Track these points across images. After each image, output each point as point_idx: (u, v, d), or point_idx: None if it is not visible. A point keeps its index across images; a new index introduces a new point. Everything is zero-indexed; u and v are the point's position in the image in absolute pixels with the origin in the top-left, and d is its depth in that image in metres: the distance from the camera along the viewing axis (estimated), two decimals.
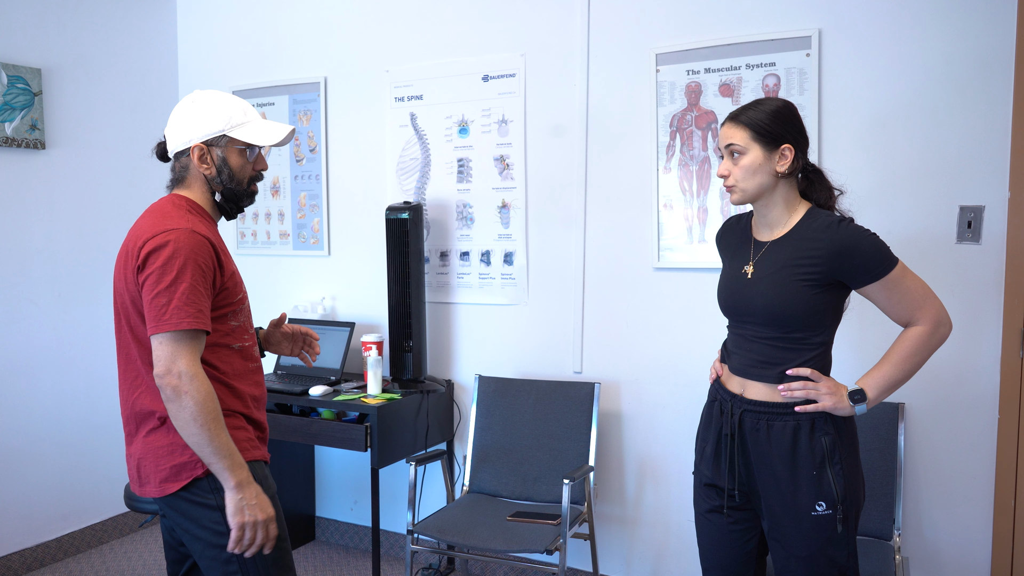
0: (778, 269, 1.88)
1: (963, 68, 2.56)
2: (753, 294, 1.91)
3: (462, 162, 3.40)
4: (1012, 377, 2.55)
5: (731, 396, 1.97)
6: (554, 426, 3.12)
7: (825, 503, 1.85)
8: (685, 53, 2.95)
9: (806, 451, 1.86)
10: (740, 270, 1.97)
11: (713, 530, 2.04)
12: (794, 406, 1.87)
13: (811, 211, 1.92)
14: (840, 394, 1.86)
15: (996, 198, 2.55)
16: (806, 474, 1.85)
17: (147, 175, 3.98)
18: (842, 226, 1.84)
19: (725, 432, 1.96)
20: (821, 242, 1.83)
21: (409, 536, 2.85)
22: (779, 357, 1.89)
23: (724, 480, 1.98)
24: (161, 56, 4.06)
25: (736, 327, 2.01)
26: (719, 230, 2.17)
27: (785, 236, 1.91)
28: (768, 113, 1.87)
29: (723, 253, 2.12)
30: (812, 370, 1.87)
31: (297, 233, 3.83)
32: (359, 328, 3.62)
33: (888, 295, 1.85)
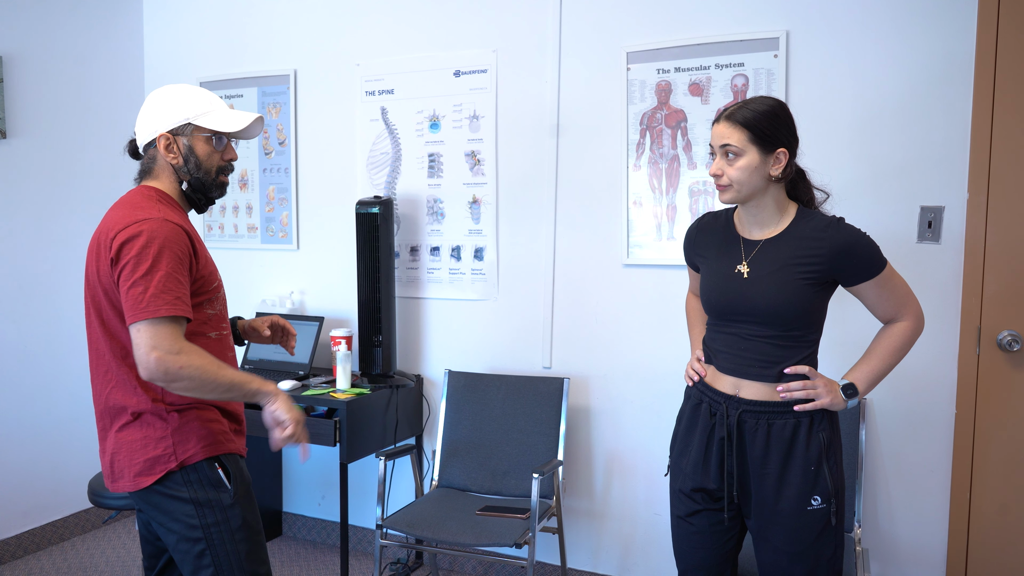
0: (778, 268, 1.88)
1: (924, 73, 2.63)
2: (753, 293, 1.90)
3: (433, 157, 3.40)
4: (968, 373, 2.62)
5: (724, 397, 1.96)
6: (523, 421, 3.14)
7: (820, 497, 1.88)
8: (655, 52, 2.98)
9: (804, 448, 1.88)
10: (732, 269, 1.95)
11: (694, 533, 2.03)
12: (793, 405, 1.88)
13: (802, 211, 1.94)
14: (835, 390, 1.89)
15: (955, 199, 2.62)
16: (804, 470, 1.87)
17: (111, 167, 3.92)
18: (841, 226, 1.88)
19: (720, 435, 1.94)
20: (822, 241, 1.86)
21: (378, 531, 2.85)
22: (778, 355, 1.90)
23: (713, 482, 1.97)
24: (126, 46, 3.99)
25: (727, 326, 1.98)
26: (693, 227, 2.15)
27: (781, 235, 1.92)
28: (766, 115, 1.86)
29: (701, 251, 2.09)
30: (809, 368, 1.90)
31: (265, 227, 3.80)
32: (328, 323, 3.61)
33: (878, 293, 1.91)
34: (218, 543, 1.81)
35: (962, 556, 2.66)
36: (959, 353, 2.64)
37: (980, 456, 2.63)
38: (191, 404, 1.83)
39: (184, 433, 1.81)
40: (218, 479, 1.83)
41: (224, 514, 1.83)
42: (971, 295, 2.61)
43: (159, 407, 1.80)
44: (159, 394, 1.80)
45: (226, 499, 1.83)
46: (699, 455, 1.99)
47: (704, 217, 2.14)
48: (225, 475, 1.84)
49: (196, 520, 1.78)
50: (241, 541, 1.84)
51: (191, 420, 1.82)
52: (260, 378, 1.82)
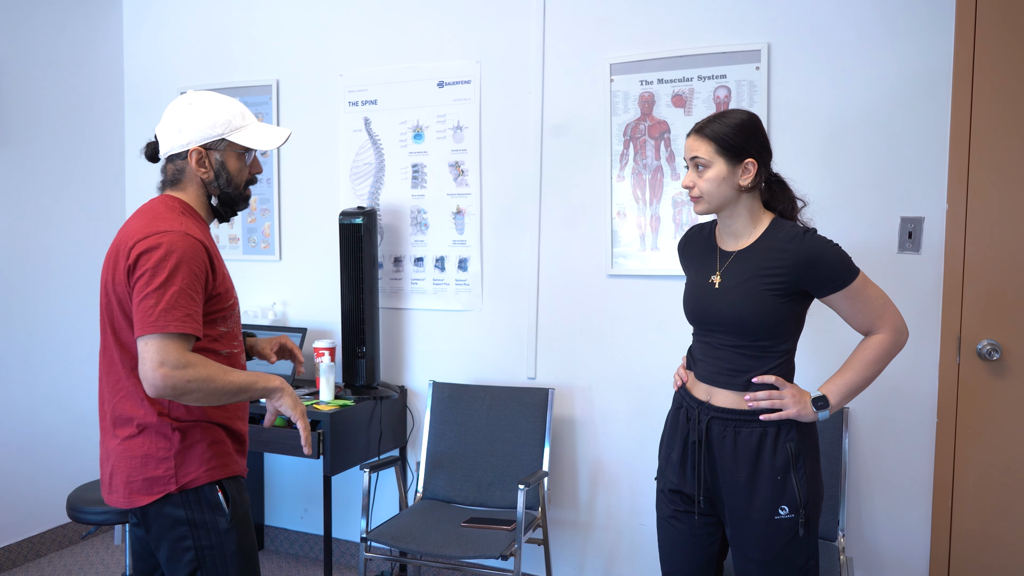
0: (746, 279, 1.91)
1: (904, 85, 2.66)
2: (721, 303, 1.94)
3: (416, 168, 3.39)
4: (949, 382, 2.65)
5: (698, 403, 1.99)
6: (508, 432, 3.13)
7: (788, 507, 1.88)
8: (638, 64, 2.99)
9: (771, 457, 1.89)
10: (707, 279, 1.99)
11: (676, 535, 2.06)
12: (760, 414, 1.90)
13: (775, 222, 1.95)
14: (804, 401, 1.90)
15: (935, 210, 2.65)
16: (770, 479, 1.89)
17: (89, 176, 3.88)
18: (807, 237, 1.88)
19: (692, 439, 1.98)
20: (787, 252, 1.88)
21: (362, 543, 2.83)
22: (746, 365, 1.92)
23: (689, 486, 2.00)
24: (106, 55, 3.96)
25: (702, 335, 2.02)
26: (682, 238, 2.18)
27: (751, 246, 1.94)
28: (732, 127, 1.90)
29: (687, 261, 2.13)
30: (777, 378, 1.91)
31: (247, 237, 3.77)
32: (311, 334, 3.59)
33: (851, 304, 1.91)
34: (210, 567, 1.79)
35: (944, 564, 2.68)
36: (940, 362, 2.66)
37: (961, 464, 2.65)
38: (196, 421, 1.80)
39: (187, 456, 1.78)
40: (217, 502, 1.81)
41: (219, 538, 1.81)
42: (951, 305, 2.64)
43: (164, 422, 1.77)
44: (165, 408, 1.78)
45: (223, 523, 1.81)
46: (678, 458, 2.04)
47: (692, 228, 2.17)
48: (224, 499, 1.82)
49: (190, 541, 1.77)
50: (234, 567, 1.81)
51: (196, 442, 1.79)
52: (264, 374, 1.81)
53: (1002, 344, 2.59)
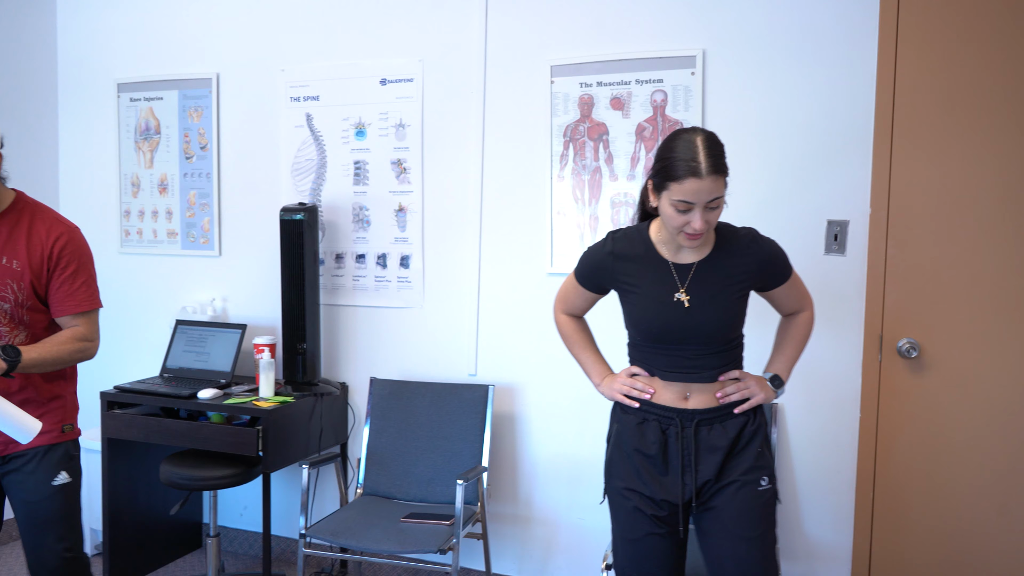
0: (719, 291, 1.96)
1: (831, 93, 2.76)
2: (700, 321, 1.94)
3: (359, 164, 3.40)
4: (871, 379, 2.77)
5: (676, 411, 2.00)
6: (448, 428, 3.17)
7: (768, 478, 1.99)
8: (579, 66, 3.05)
9: (751, 433, 2.00)
10: (670, 297, 1.96)
11: (661, 550, 2.02)
12: (732, 407, 2.00)
13: (718, 227, 2.01)
14: (764, 385, 2.06)
15: (859, 213, 2.76)
16: (753, 454, 1.99)
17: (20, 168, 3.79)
18: (761, 239, 2.02)
19: (678, 450, 1.98)
20: (749, 256, 1.98)
21: (301, 539, 2.84)
22: (722, 362, 2.01)
23: (675, 497, 1.98)
24: (38, 45, 3.86)
25: (667, 349, 2.00)
26: (607, 253, 2.06)
27: (711, 256, 1.98)
28: (724, 152, 1.88)
29: (623, 278, 2.04)
30: (740, 371, 2.04)
31: (186, 232, 3.73)
32: (251, 330, 3.56)
33: (787, 292, 2.08)
34: None
35: (866, 553, 2.80)
36: (863, 359, 2.78)
37: (882, 456, 2.77)
38: None
39: None
40: None
41: None
42: (873, 304, 2.75)
43: None
44: None
45: None
46: (656, 472, 2.00)
47: (617, 241, 2.06)
48: None
49: None
50: None
51: None
52: None
53: (920, 343, 2.71)
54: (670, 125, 2.93)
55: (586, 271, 2.13)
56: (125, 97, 3.79)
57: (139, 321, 3.84)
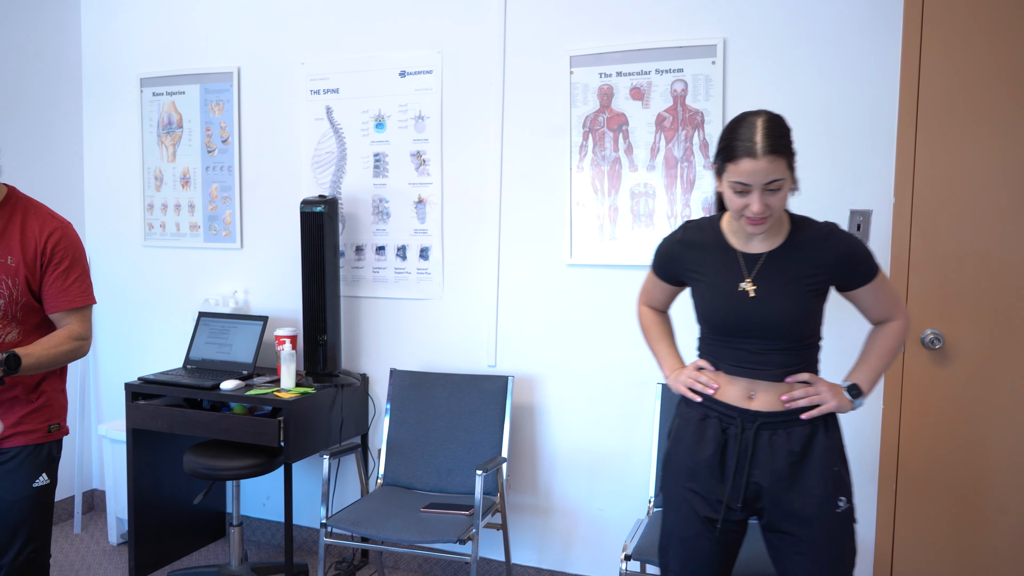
0: (788, 282, 1.86)
1: (854, 81, 2.73)
2: (764, 311, 1.86)
3: (378, 157, 3.41)
4: (895, 370, 2.74)
5: (738, 412, 1.91)
6: (468, 419, 3.18)
7: (845, 498, 1.87)
8: (598, 56, 3.04)
9: (824, 450, 1.86)
10: (735, 287, 1.90)
11: (709, 551, 1.96)
12: (799, 412, 1.87)
13: (794, 218, 1.92)
14: (840, 393, 1.90)
15: (883, 203, 2.73)
16: (827, 472, 1.85)
17: (46, 164, 3.84)
18: (841, 233, 1.89)
19: (736, 451, 1.90)
20: (826, 250, 1.86)
21: (322, 529, 2.86)
22: (791, 362, 1.88)
23: (731, 499, 1.91)
24: (64, 43, 3.90)
25: (733, 343, 1.93)
26: (676, 241, 2.04)
27: (782, 246, 1.89)
28: (788, 133, 1.81)
29: (691, 267, 2.00)
30: (810, 375, 1.89)
31: (208, 225, 3.76)
32: (272, 322, 3.59)
33: (875, 295, 1.93)
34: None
35: (888, 545, 2.78)
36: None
37: (905, 448, 2.75)
38: None
39: None
40: None
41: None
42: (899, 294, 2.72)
43: None
44: None
45: None
46: (712, 472, 1.93)
47: (688, 230, 2.04)
48: None
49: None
50: None
51: None
52: None
53: (944, 334, 2.68)
54: (690, 115, 2.92)
55: (659, 260, 2.10)
56: (148, 92, 3.83)
57: (162, 313, 3.88)
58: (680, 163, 2.95)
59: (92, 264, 3.97)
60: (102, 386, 4.06)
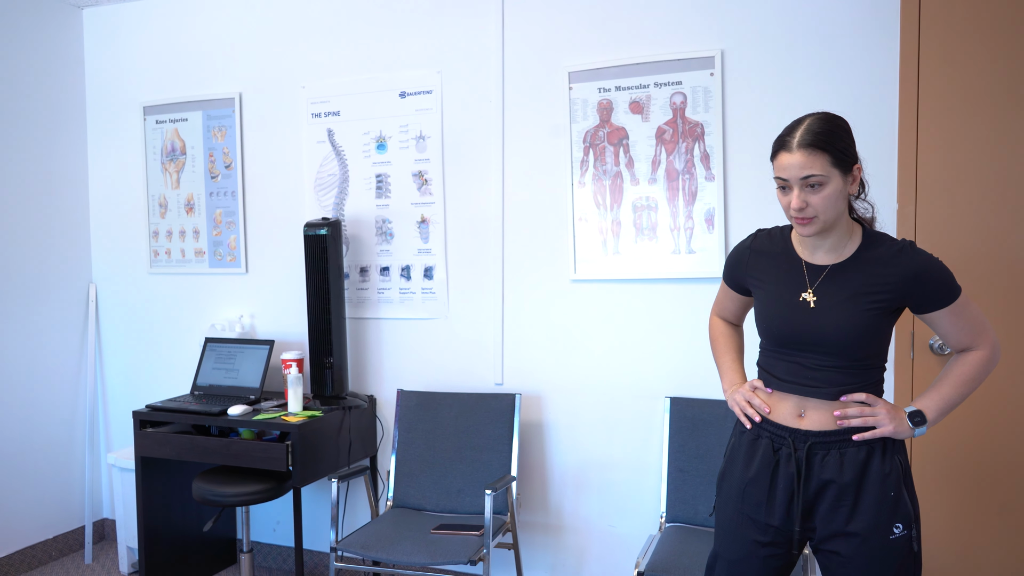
0: (849, 297, 1.79)
1: (852, 88, 2.73)
2: (823, 324, 1.80)
3: (380, 178, 3.42)
4: (904, 377, 2.72)
5: (790, 432, 1.85)
6: (476, 438, 3.16)
7: (902, 524, 1.78)
8: (596, 71, 3.04)
9: (880, 474, 1.78)
10: (795, 297, 1.85)
11: (758, 571, 1.92)
12: (852, 433, 1.80)
13: (868, 233, 1.84)
14: (900, 417, 1.80)
15: (887, 209, 2.71)
16: (882, 497, 1.78)
17: (51, 193, 3.86)
18: (914, 251, 1.78)
19: (788, 472, 1.84)
20: (893, 267, 1.77)
21: (333, 553, 2.84)
22: (847, 382, 1.81)
23: (778, 521, 1.87)
24: (68, 71, 3.94)
25: (790, 355, 1.87)
26: (745, 248, 2.01)
27: (849, 260, 1.82)
28: (839, 132, 1.74)
29: (756, 274, 1.97)
30: (868, 394, 1.81)
31: (213, 251, 3.77)
32: (279, 345, 3.59)
33: (953, 321, 1.81)
34: None
35: None
36: (895, 358, 2.73)
37: (917, 454, 2.71)
38: None
39: None
40: None
41: None
42: None
43: None
44: None
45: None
46: (762, 495, 1.89)
47: (759, 238, 2.00)
48: None
49: None
50: None
51: None
52: None
53: None
54: (690, 127, 2.91)
55: (728, 267, 2.07)
56: (151, 119, 3.85)
57: (169, 340, 3.89)
58: (681, 175, 2.94)
59: (99, 292, 4.00)
60: (111, 414, 4.06)
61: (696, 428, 2.89)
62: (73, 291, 3.96)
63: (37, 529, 3.77)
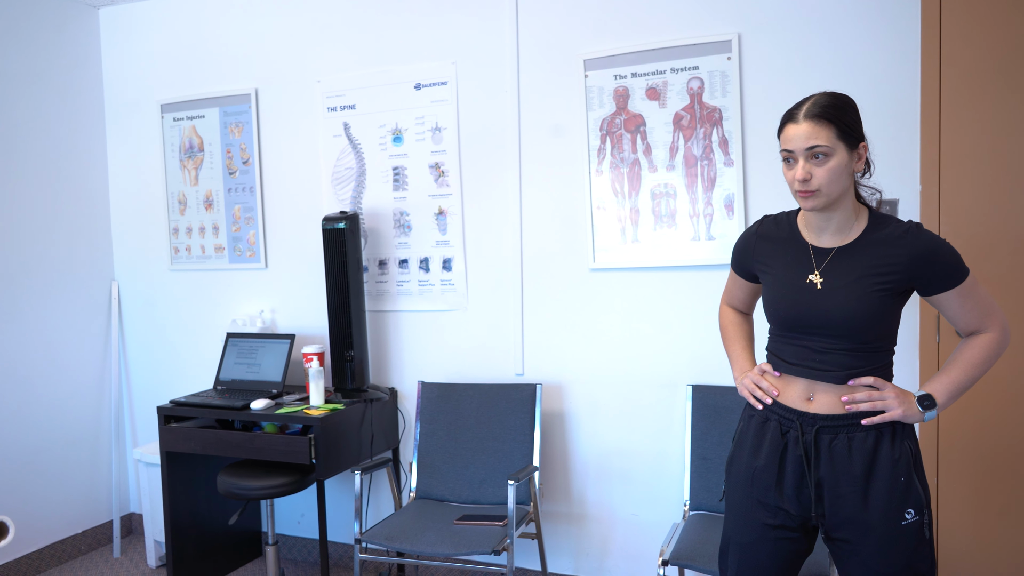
0: (855, 279, 1.77)
1: (873, 70, 2.69)
2: (829, 305, 1.79)
3: (397, 170, 3.41)
4: (929, 360, 2.68)
5: (798, 415, 1.84)
6: (498, 428, 3.16)
7: (914, 510, 1.76)
8: (612, 58, 3.02)
9: (890, 459, 1.77)
10: (803, 279, 1.84)
11: (768, 557, 1.91)
12: (860, 417, 1.78)
13: (875, 215, 1.82)
14: (909, 401, 1.77)
15: (910, 191, 2.68)
16: (893, 482, 1.76)
17: (72, 191, 3.90)
18: (921, 232, 1.76)
19: (796, 454, 1.83)
20: (900, 248, 1.75)
21: (357, 545, 2.85)
22: (855, 364, 1.79)
23: (790, 506, 1.85)
24: (85, 70, 3.97)
25: (798, 339, 1.86)
26: (752, 233, 2.01)
27: (855, 242, 1.81)
28: (848, 108, 1.75)
29: (763, 259, 1.96)
30: (876, 378, 1.78)
31: (233, 246, 3.79)
32: (299, 340, 3.61)
33: (962, 303, 1.79)
34: None
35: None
36: (920, 341, 2.69)
37: (945, 441, 2.68)
38: None
39: None
40: None
41: None
42: None
43: None
44: None
45: None
46: (771, 478, 1.87)
47: (764, 223, 2.00)
48: None
49: None
50: None
51: None
52: None
53: None
54: (707, 112, 2.89)
55: (735, 254, 2.07)
56: (168, 117, 3.87)
57: (192, 336, 3.92)
58: (700, 161, 2.92)
59: (122, 289, 4.04)
60: (136, 410, 4.11)
61: (718, 416, 2.87)
62: (96, 289, 4.00)
63: (66, 524, 3.82)
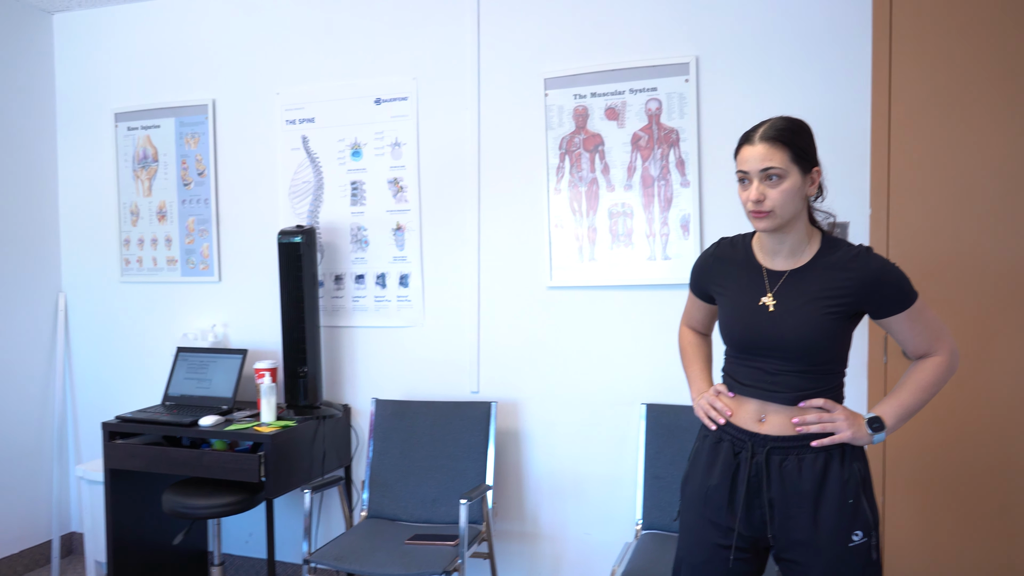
0: (807, 301, 1.80)
1: (825, 95, 2.75)
2: (782, 328, 1.81)
3: (355, 185, 3.39)
4: (878, 381, 2.73)
5: (749, 435, 1.86)
6: (452, 447, 3.13)
7: (862, 531, 1.78)
8: (572, 78, 3.04)
9: (839, 481, 1.79)
10: (756, 302, 1.86)
11: (722, 575, 1.91)
12: (810, 439, 1.80)
13: (827, 239, 1.85)
14: (858, 423, 1.80)
15: (859, 215, 2.73)
16: (841, 504, 1.78)
17: (20, 199, 3.80)
18: (871, 256, 1.79)
19: (751, 474, 1.84)
20: (850, 272, 1.78)
21: (305, 565, 2.79)
22: (806, 386, 1.82)
23: (742, 527, 1.86)
24: (37, 76, 3.88)
25: (751, 360, 1.88)
26: (709, 255, 2.03)
27: (807, 265, 1.83)
28: (801, 132, 1.79)
29: (718, 281, 1.99)
30: (826, 400, 1.81)
31: (185, 259, 3.72)
32: (252, 355, 3.54)
33: (911, 326, 1.82)
34: None
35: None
36: (868, 361, 2.73)
37: (892, 457, 2.72)
38: None
39: None
40: None
41: None
42: None
43: None
44: None
45: None
46: (723, 498, 1.88)
47: (721, 245, 2.02)
48: None
49: None
50: None
51: None
52: None
53: None
54: (665, 133, 2.92)
55: (693, 276, 2.09)
56: (123, 126, 3.81)
57: (141, 350, 3.83)
58: (657, 181, 2.95)
59: (69, 301, 3.93)
60: (81, 426, 3.99)
61: (672, 435, 2.88)
62: (42, 300, 3.89)
63: (3, 543, 3.68)
